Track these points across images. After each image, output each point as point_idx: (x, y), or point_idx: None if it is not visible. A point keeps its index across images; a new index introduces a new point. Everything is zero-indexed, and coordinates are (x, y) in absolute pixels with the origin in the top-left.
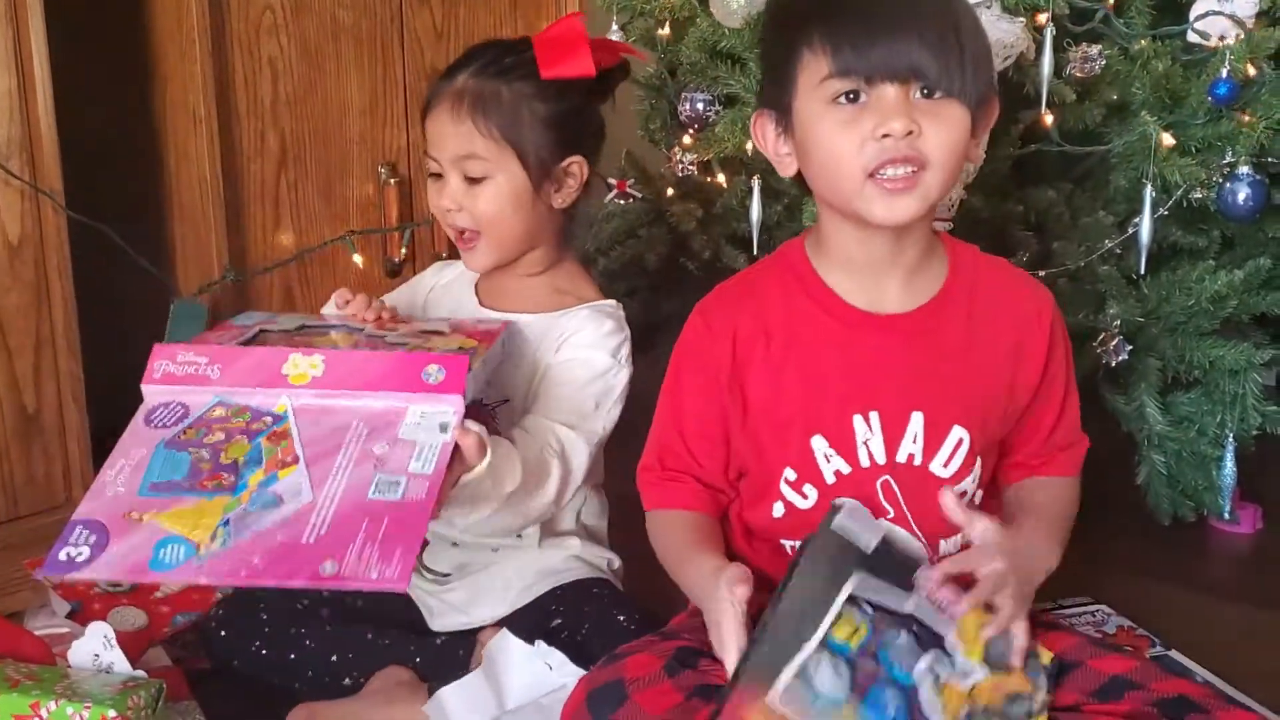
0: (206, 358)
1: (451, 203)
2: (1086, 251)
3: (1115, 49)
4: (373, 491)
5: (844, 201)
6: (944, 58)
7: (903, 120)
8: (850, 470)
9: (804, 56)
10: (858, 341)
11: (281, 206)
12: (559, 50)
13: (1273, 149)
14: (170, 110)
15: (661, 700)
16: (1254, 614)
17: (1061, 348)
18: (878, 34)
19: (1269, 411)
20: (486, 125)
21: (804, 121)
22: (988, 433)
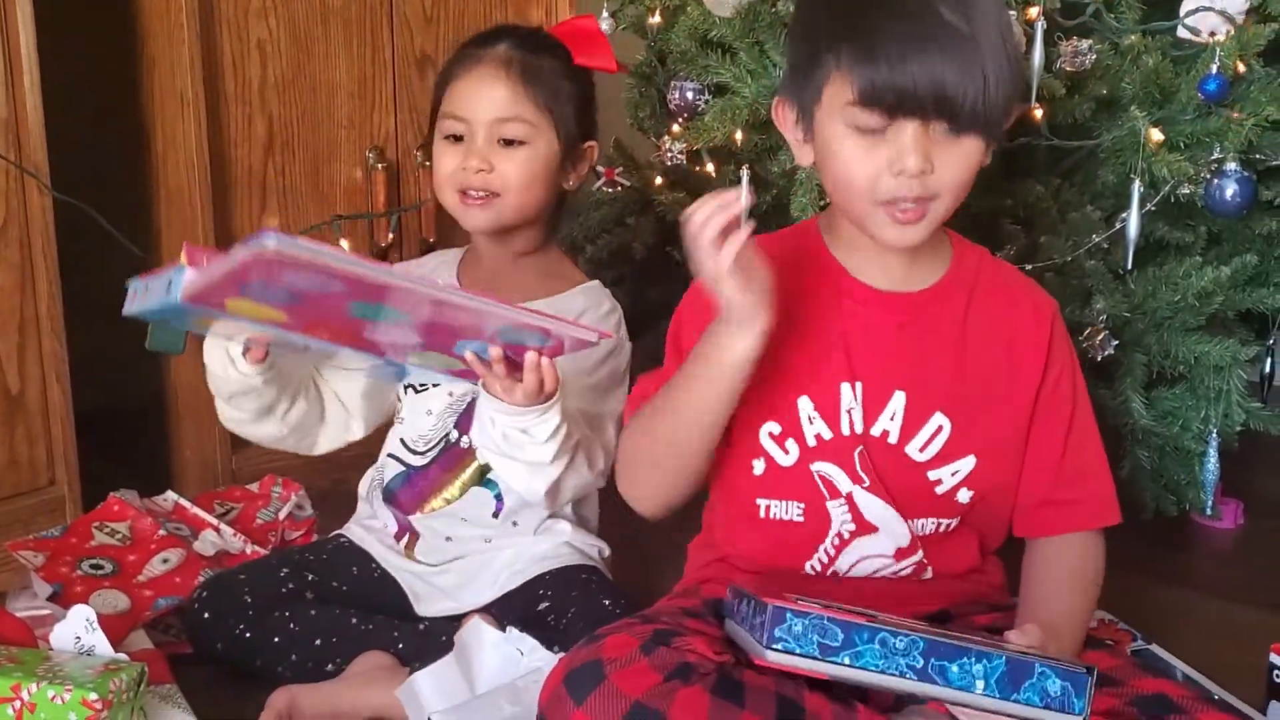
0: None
1: (482, 162)
2: (1074, 246)
3: (1106, 44)
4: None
5: (854, 218)
6: (971, 98)
7: (918, 159)
8: (831, 436)
9: (831, 74)
10: (855, 312)
11: (268, 190)
12: (586, 42)
13: (1261, 146)
14: (158, 92)
15: (639, 680)
16: (1234, 609)
17: (1067, 365)
18: (907, 71)
19: (1253, 408)
20: (534, 92)
21: (823, 134)
22: (976, 429)
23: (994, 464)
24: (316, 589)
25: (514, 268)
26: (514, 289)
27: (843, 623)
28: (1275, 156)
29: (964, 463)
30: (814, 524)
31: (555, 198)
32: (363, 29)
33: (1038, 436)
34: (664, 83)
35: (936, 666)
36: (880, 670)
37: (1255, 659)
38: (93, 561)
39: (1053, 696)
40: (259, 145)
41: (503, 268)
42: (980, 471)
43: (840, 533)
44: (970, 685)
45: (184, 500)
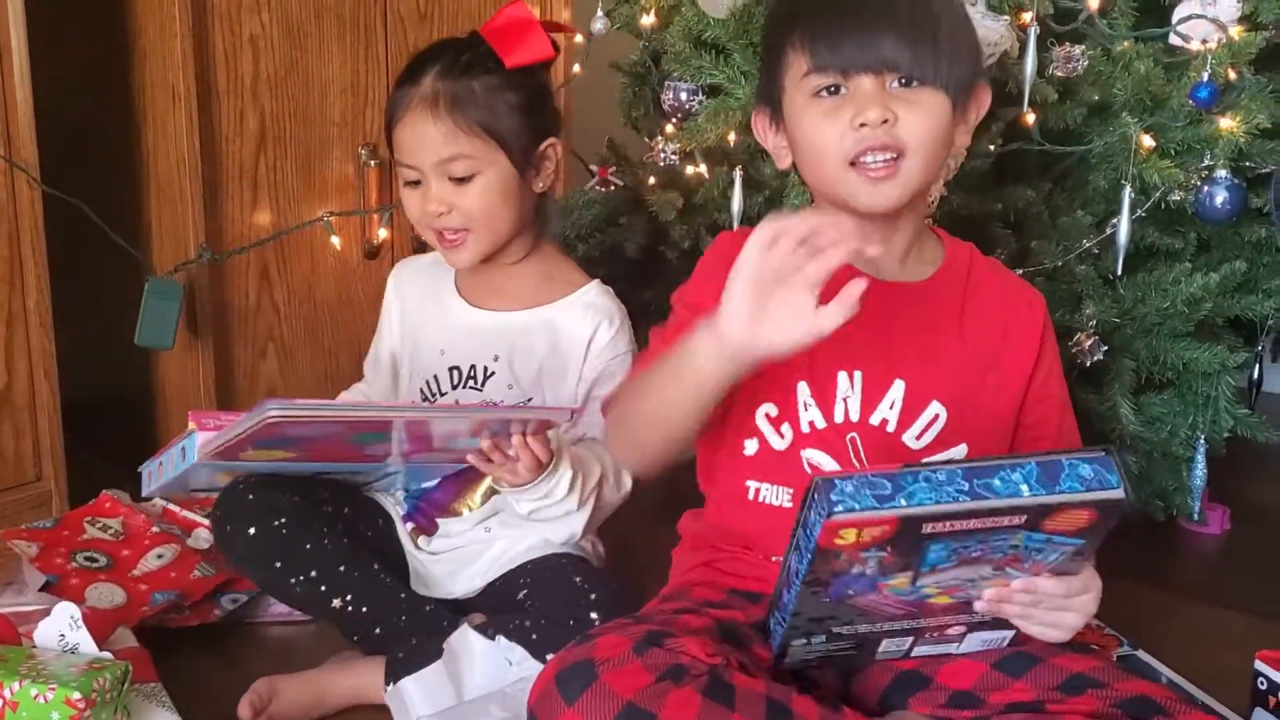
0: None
1: (440, 205)
2: (1064, 251)
3: (1098, 50)
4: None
5: (830, 189)
6: (917, 48)
7: (878, 109)
8: (825, 425)
9: (788, 54)
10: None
11: (260, 186)
12: (514, 38)
13: (1251, 153)
14: (149, 86)
15: (631, 680)
16: (1219, 614)
17: (1054, 357)
18: (850, 29)
19: (1240, 414)
20: (468, 123)
21: (791, 115)
22: (968, 417)
23: (982, 451)
24: (349, 524)
25: (511, 274)
26: (514, 295)
27: (887, 474)
28: (1265, 164)
29: (956, 451)
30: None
31: (530, 204)
32: (356, 25)
33: (1033, 424)
34: (658, 83)
35: (981, 484)
36: (936, 501)
37: (1240, 665)
38: (87, 554)
39: (1089, 479)
40: (251, 140)
41: (500, 275)
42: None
43: None
44: (1017, 491)
45: (172, 505)
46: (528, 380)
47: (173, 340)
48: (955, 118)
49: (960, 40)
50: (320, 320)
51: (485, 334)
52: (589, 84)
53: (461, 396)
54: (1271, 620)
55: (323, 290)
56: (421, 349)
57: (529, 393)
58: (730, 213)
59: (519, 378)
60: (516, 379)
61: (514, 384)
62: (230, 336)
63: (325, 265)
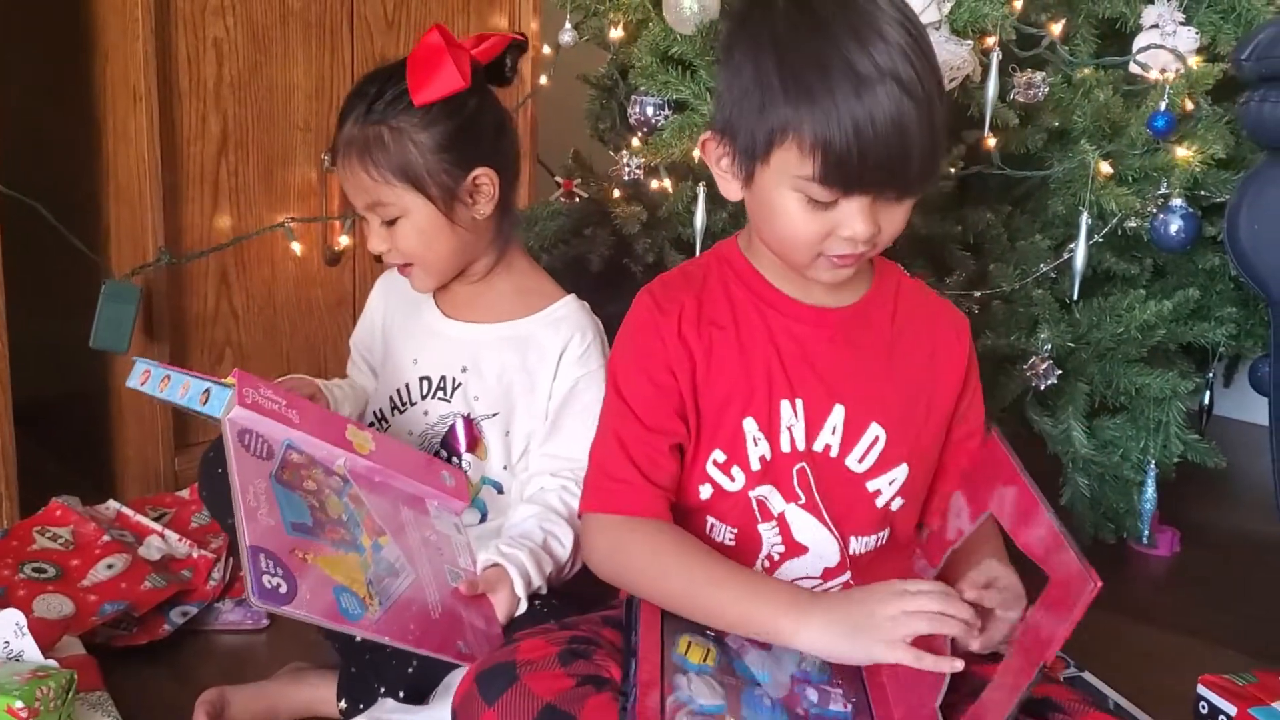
0: (285, 400)
1: (380, 243)
2: (1021, 274)
3: (1059, 76)
4: (450, 579)
5: (790, 263)
6: (923, 173)
7: (869, 227)
8: (772, 456)
9: (788, 143)
10: (788, 329)
11: (221, 190)
12: (424, 72)
13: (1206, 183)
14: (110, 87)
15: (551, 684)
16: (1166, 637)
17: (977, 373)
18: (869, 149)
19: (1190, 440)
20: (378, 171)
21: (765, 189)
22: (907, 437)
23: (921, 471)
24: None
25: (482, 288)
26: (488, 308)
27: None
28: (1220, 194)
29: (898, 471)
30: (745, 547)
31: (478, 227)
32: (322, 31)
33: (958, 442)
34: (625, 96)
35: None
36: None
37: (1185, 688)
38: (35, 565)
39: None
40: (212, 144)
41: (471, 289)
42: (910, 479)
43: (770, 555)
44: None
45: (126, 509)
46: (494, 393)
47: (128, 344)
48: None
49: (944, 134)
50: (279, 327)
51: (455, 345)
52: (556, 95)
53: (430, 407)
54: (1217, 643)
55: (282, 296)
56: (395, 357)
57: (495, 406)
58: (694, 228)
59: (485, 390)
60: (483, 391)
61: (480, 396)
62: (187, 341)
63: (285, 271)
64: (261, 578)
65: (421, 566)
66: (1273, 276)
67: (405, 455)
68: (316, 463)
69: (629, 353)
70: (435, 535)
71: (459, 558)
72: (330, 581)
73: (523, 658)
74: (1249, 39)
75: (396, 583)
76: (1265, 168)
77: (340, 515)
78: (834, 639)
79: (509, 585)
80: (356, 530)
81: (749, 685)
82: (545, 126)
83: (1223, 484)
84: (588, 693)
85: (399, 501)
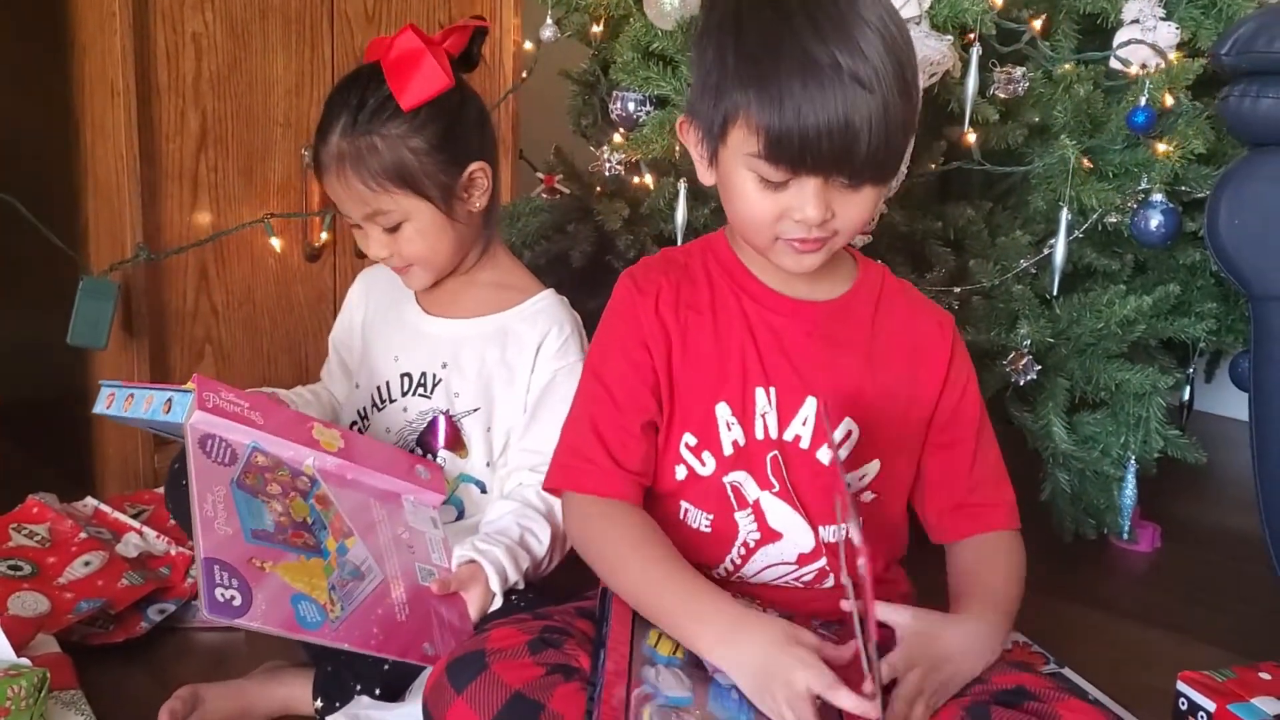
0: (248, 402)
1: (382, 250)
2: (1002, 270)
3: (1039, 72)
4: (421, 578)
5: (754, 247)
6: (872, 158)
7: (819, 210)
8: (745, 442)
9: (738, 120)
10: (765, 319)
11: (200, 185)
12: (406, 74)
13: (1186, 178)
14: (88, 83)
15: (520, 672)
16: (1147, 633)
17: (969, 380)
18: (813, 135)
19: (1170, 435)
20: (375, 181)
21: (726, 169)
22: (881, 434)
23: (895, 468)
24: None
25: (466, 283)
26: (469, 303)
27: None
28: (1200, 189)
29: (869, 467)
30: (721, 533)
31: (473, 223)
32: (302, 26)
33: (947, 444)
34: (606, 92)
35: None
36: None
37: (1165, 684)
38: (10, 562)
39: None
40: (191, 139)
41: (454, 284)
42: (883, 475)
43: (746, 541)
44: None
45: (104, 506)
46: (475, 389)
47: (106, 340)
48: (885, 189)
49: (911, 127)
50: (259, 323)
51: (436, 341)
52: (539, 91)
53: (410, 403)
54: (1197, 640)
55: (262, 292)
56: (376, 354)
57: (475, 401)
58: (675, 224)
59: (466, 386)
60: (463, 387)
61: (460, 392)
62: (166, 338)
63: (265, 267)
64: (214, 590)
65: (390, 566)
66: (1253, 271)
67: (378, 451)
68: (284, 464)
69: (607, 332)
70: (408, 532)
71: (432, 554)
72: (289, 590)
73: (492, 646)
74: (1228, 34)
75: (361, 586)
76: (1245, 163)
77: (305, 518)
78: (748, 687)
79: (483, 582)
80: (322, 533)
81: (715, 676)
82: (527, 122)
83: (1204, 479)
84: (556, 681)
85: (371, 498)
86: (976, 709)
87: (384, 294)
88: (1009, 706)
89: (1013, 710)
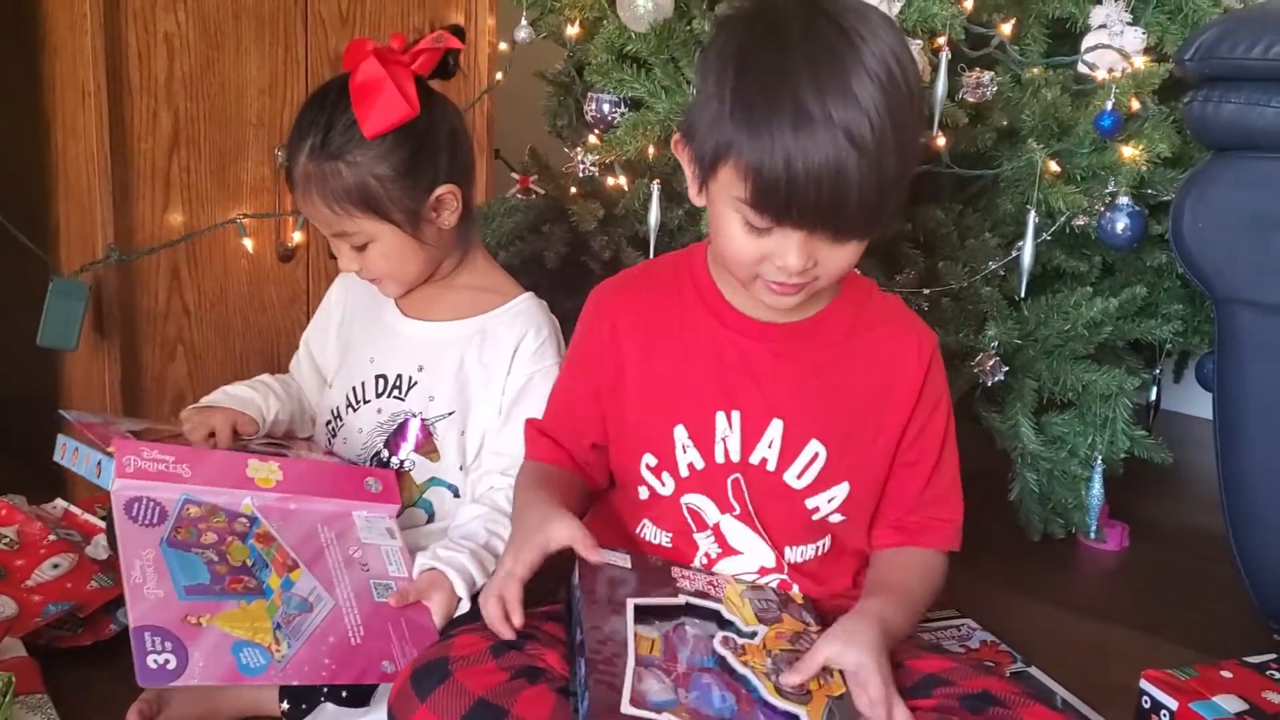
0: (174, 456)
1: (351, 265)
2: (971, 272)
3: (1008, 76)
4: (376, 596)
5: (735, 277)
6: (858, 217)
7: (800, 261)
8: (704, 465)
9: (729, 160)
10: (733, 342)
11: (172, 186)
12: (368, 102)
13: (1153, 181)
14: (59, 83)
15: (484, 678)
16: (1113, 631)
17: (940, 399)
18: (799, 187)
19: (1136, 435)
20: (340, 205)
21: (715, 203)
22: (849, 455)
23: (863, 489)
24: None
25: (444, 287)
26: (447, 307)
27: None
28: (1166, 192)
29: (839, 489)
30: (681, 551)
31: (444, 237)
32: (276, 27)
33: (905, 465)
34: (581, 93)
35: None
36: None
37: (1131, 682)
38: None
39: None
40: (164, 140)
41: (432, 289)
42: (852, 497)
43: (708, 553)
44: None
45: (74, 507)
46: (450, 391)
47: (76, 341)
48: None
49: (903, 184)
50: (231, 324)
51: (413, 343)
52: (514, 92)
53: (383, 405)
54: (1163, 638)
55: (235, 293)
56: (352, 355)
57: (450, 405)
58: (649, 225)
59: (441, 389)
60: (439, 390)
61: (435, 396)
62: (138, 339)
63: (238, 268)
64: (146, 658)
65: (342, 591)
66: (1216, 274)
67: (321, 474)
68: (219, 509)
69: (573, 346)
70: (361, 550)
71: (389, 567)
72: (229, 639)
73: (456, 653)
74: (1192, 39)
75: (310, 617)
76: (1209, 167)
77: (245, 560)
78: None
79: (446, 588)
80: (263, 572)
81: (695, 673)
82: (503, 123)
83: (1171, 479)
84: (520, 686)
85: (318, 523)
86: (943, 716)
87: (362, 296)
88: (974, 713)
89: (979, 717)
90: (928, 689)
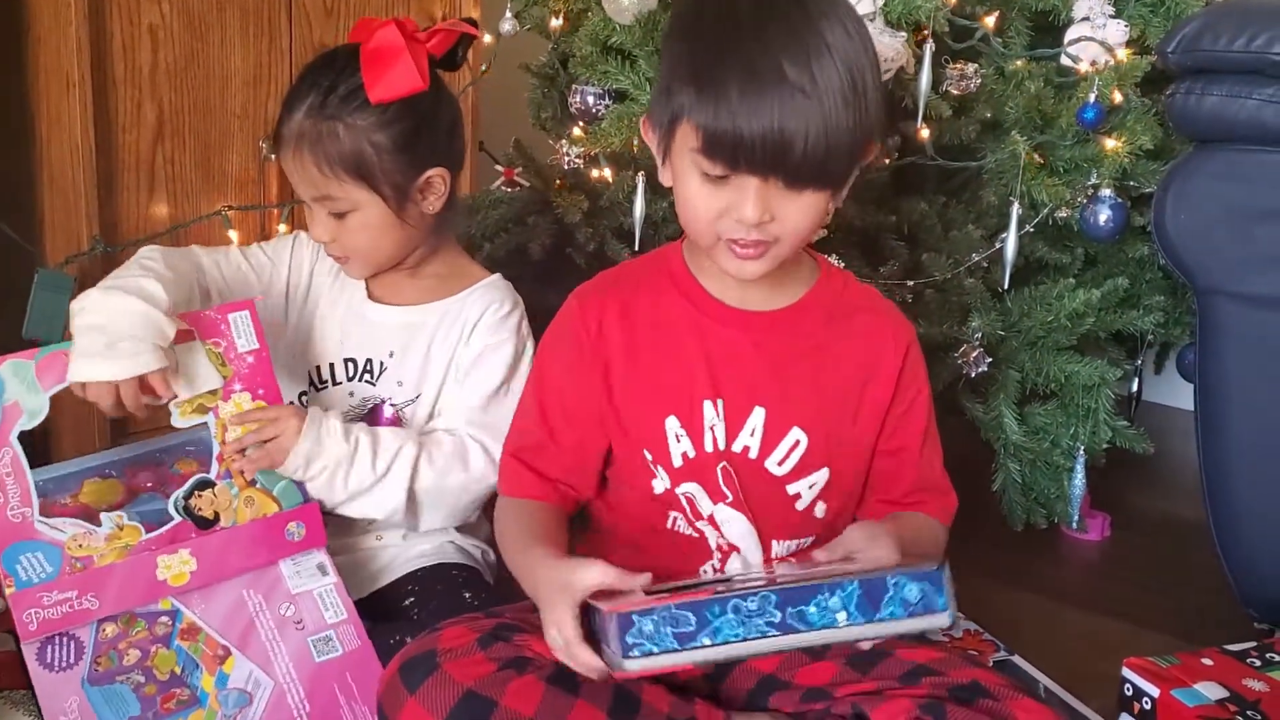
0: (75, 590)
1: (325, 235)
2: (954, 264)
3: (991, 68)
4: (317, 655)
5: (700, 245)
6: (809, 159)
7: (757, 210)
8: (695, 454)
9: (681, 120)
10: (714, 331)
11: (157, 178)
12: (380, 68)
13: (1135, 173)
14: (43, 74)
15: (472, 670)
16: (1096, 620)
17: (920, 388)
18: (747, 132)
19: (1119, 426)
20: (330, 168)
21: (674, 165)
22: (830, 442)
23: (843, 475)
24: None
25: (408, 277)
26: (415, 292)
27: (692, 604)
28: (1148, 184)
29: (819, 475)
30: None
31: (422, 224)
32: (260, 18)
33: (888, 453)
34: (566, 85)
35: (795, 614)
36: (743, 638)
37: (1113, 671)
38: None
39: (914, 603)
40: (148, 131)
41: (400, 275)
42: (832, 483)
43: (720, 545)
44: (832, 621)
45: None
46: (418, 376)
47: (61, 334)
48: (833, 195)
49: (859, 138)
50: None
51: (383, 328)
52: (499, 84)
53: (356, 389)
54: (1145, 627)
55: None
56: (317, 333)
57: (418, 388)
58: (634, 217)
59: (409, 374)
60: (406, 375)
61: (404, 381)
62: None
63: None
64: None
65: (280, 666)
66: (1198, 265)
67: (238, 541)
68: (137, 617)
69: (548, 350)
70: (292, 606)
71: (325, 614)
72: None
73: (444, 645)
74: (1174, 32)
75: (251, 710)
76: (1191, 159)
77: (174, 669)
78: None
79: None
80: (195, 674)
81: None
82: (487, 115)
83: (1152, 469)
84: (509, 676)
85: (243, 589)
86: (932, 706)
87: (330, 271)
88: (964, 704)
89: (968, 708)
90: (917, 678)
